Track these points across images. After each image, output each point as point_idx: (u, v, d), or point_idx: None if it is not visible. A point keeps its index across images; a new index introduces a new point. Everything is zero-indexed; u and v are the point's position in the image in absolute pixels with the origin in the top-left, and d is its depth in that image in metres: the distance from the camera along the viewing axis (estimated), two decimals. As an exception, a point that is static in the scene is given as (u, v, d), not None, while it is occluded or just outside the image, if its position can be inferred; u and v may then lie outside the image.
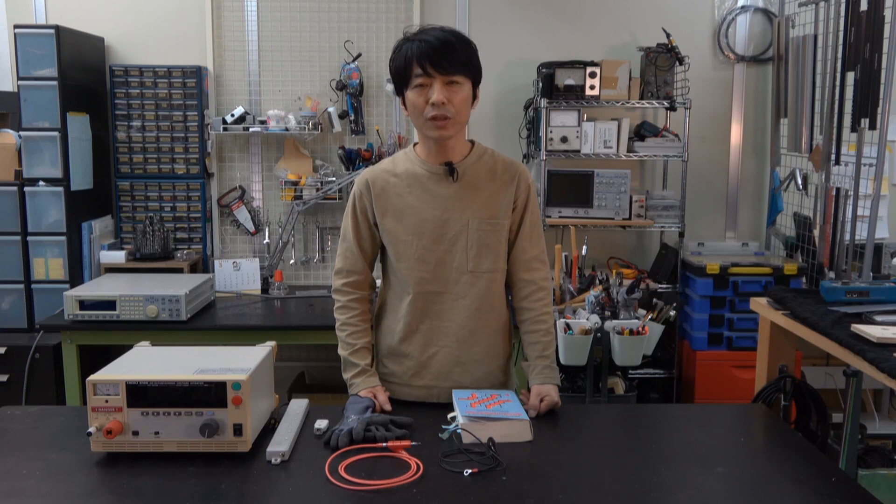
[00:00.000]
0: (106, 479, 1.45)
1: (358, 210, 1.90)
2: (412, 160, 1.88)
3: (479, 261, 1.85)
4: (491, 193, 1.86)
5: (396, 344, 1.91)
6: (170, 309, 2.98)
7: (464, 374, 1.89)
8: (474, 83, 1.81)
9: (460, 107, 1.77)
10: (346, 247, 1.92)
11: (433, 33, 1.75)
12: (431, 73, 1.73)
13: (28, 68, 3.32)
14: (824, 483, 1.45)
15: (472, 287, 1.86)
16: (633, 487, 1.44)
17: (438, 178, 1.85)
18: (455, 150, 1.86)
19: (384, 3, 3.75)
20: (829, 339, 1.96)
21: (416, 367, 1.89)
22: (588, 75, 3.44)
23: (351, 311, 1.93)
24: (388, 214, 1.86)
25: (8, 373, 3.21)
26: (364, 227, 1.90)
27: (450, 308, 1.86)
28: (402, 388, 1.91)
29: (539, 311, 1.92)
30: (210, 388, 1.51)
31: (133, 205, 3.75)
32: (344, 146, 3.70)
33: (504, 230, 1.88)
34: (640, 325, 2.82)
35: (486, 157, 1.89)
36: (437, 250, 1.85)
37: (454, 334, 1.87)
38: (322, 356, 3.93)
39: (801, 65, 3.42)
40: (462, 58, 1.75)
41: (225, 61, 3.78)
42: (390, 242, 1.88)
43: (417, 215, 1.84)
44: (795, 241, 3.55)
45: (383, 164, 1.92)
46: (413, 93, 1.77)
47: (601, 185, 3.51)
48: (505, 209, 1.87)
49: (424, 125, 1.79)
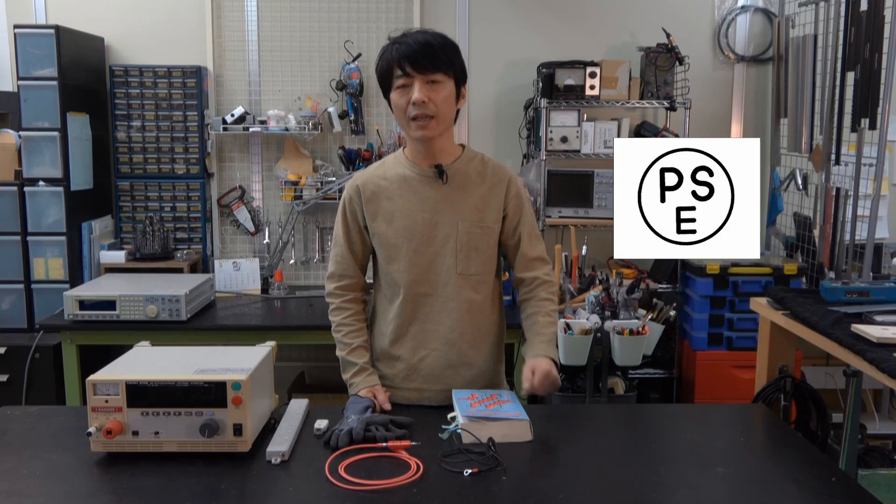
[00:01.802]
0: (106, 479, 1.45)
1: (348, 214, 1.91)
2: (402, 163, 1.89)
3: (468, 263, 1.85)
4: (480, 196, 1.86)
5: (387, 347, 1.91)
6: (170, 309, 2.98)
7: (454, 376, 1.89)
8: (457, 82, 1.81)
9: (442, 105, 1.77)
10: (338, 251, 1.93)
11: (413, 36, 1.76)
12: (411, 72, 1.74)
13: (28, 68, 3.32)
14: (824, 483, 1.45)
15: (461, 290, 1.86)
16: (633, 487, 1.44)
17: (428, 181, 1.86)
18: (444, 151, 1.86)
19: (384, 3, 3.75)
20: (829, 339, 1.96)
21: (407, 370, 1.90)
22: (588, 75, 3.44)
23: (345, 312, 1.93)
24: (379, 217, 1.87)
25: (8, 373, 3.21)
26: (355, 231, 1.91)
27: (439, 311, 1.87)
28: (394, 392, 1.91)
29: (539, 297, 1.92)
30: (210, 388, 1.51)
31: (133, 205, 3.75)
32: (344, 146, 3.70)
33: (493, 234, 1.88)
34: (640, 325, 2.82)
35: (476, 161, 1.90)
36: (426, 252, 1.85)
37: (443, 337, 1.87)
38: (322, 356, 3.93)
39: (801, 65, 3.42)
40: (442, 57, 1.75)
41: (225, 61, 3.78)
42: (381, 245, 1.88)
43: (408, 218, 1.85)
44: (795, 241, 3.55)
45: (373, 168, 1.93)
46: (395, 94, 1.78)
47: (601, 185, 3.50)
48: (494, 213, 1.88)
49: (408, 125, 1.80)
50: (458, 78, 1.81)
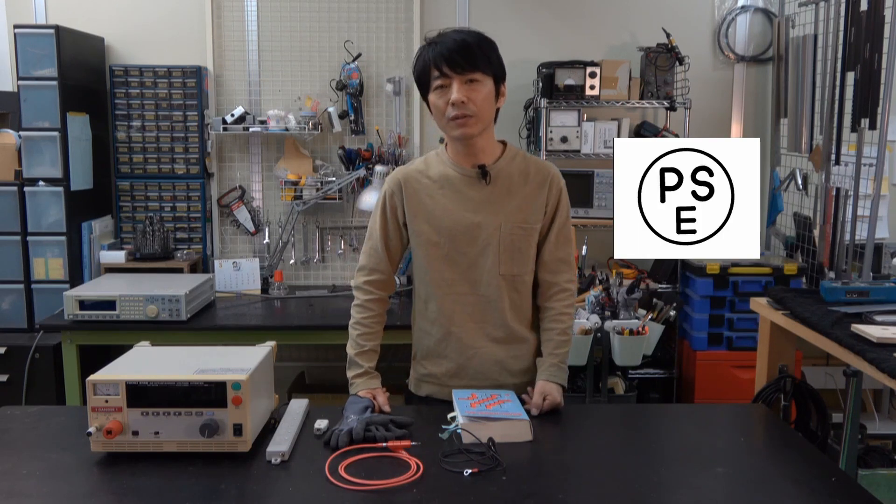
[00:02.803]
0: (106, 479, 1.45)
1: (388, 209, 1.89)
2: (444, 162, 1.88)
3: (511, 264, 1.85)
4: (524, 197, 1.85)
5: (433, 346, 1.91)
6: (170, 309, 2.98)
7: (502, 371, 1.90)
8: (496, 80, 1.80)
9: (482, 104, 1.76)
10: (372, 245, 1.92)
11: (450, 36, 1.75)
12: (448, 73, 1.73)
13: (28, 68, 3.32)
14: (824, 483, 1.45)
15: (504, 290, 1.86)
16: (633, 487, 1.44)
17: (471, 181, 1.84)
18: (485, 151, 1.85)
19: (384, 3, 3.75)
20: (829, 339, 1.96)
21: (456, 369, 1.90)
22: (588, 75, 3.44)
23: (367, 312, 1.92)
24: (420, 216, 1.86)
25: (8, 373, 3.21)
26: (392, 227, 1.90)
27: (482, 310, 1.87)
28: (443, 389, 1.91)
29: (558, 310, 1.92)
30: (210, 388, 1.51)
31: (133, 205, 3.75)
32: (344, 146, 3.70)
33: (535, 234, 1.88)
34: (640, 325, 2.82)
35: (519, 159, 1.88)
36: (469, 253, 1.84)
37: (490, 336, 1.88)
38: (322, 356, 3.93)
39: (801, 65, 3.42)
40: (479, 55, 1.74)
41: (225, 61, 3.78)
42: (420, 244, 1.87)
43: (449, 217, 1.84)
44: (795, 241, 3.55)
45: (415, 165, 1.91)
46: (434, 95, 1.77)
47: (601, 185, 3.51)
48: (537, 213, 1.87)
49: (447, 126, 1.78)
50: (497, 75, 1.80)
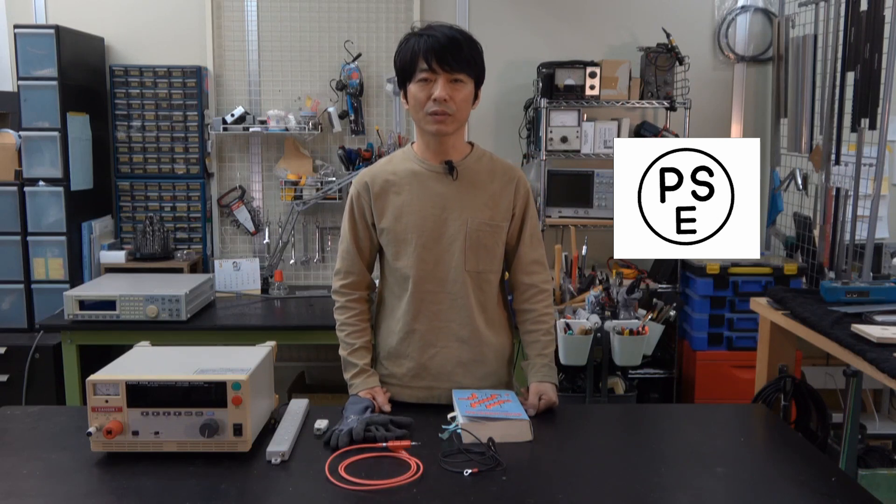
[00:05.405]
0: (106, 479, 1.45)
1: (356, 211, 1.90)
2: (411, 158, 1.88)
3: (477, 261, 1.85)
4: (490, 195, 1.86)
5: (395, 345, 1.90)
6: (170, 309, 2.98)
7: (465, 374, 1.89)
8: (477, 83, 1.82)
9: (461, 105, 1.78)
10: (345, 248, 1.93)
11: (441, 30, 1.75)
12: (436, 69, 1.73)
13: (28, 68, 3.31)
14: (824, 483, 1.45)
15: (470, 287, 1.86)
16: (633, 487, 1.44)
17: (438, 176, 1.85)
18: (455, 148, 1.86)
19: (384, 3, 3.75)
20: (829, 339, 1.96)
21: (416, 369, 1.89)
22: (588, 75, 3.44)
23: (350, 311, 1.93)
24: (387, 213, 1.86)
25: (8, 373, 3.21)
26: (361, 228, 1.90)
27: (448, 308, 1.86)
28: (403, 390, 1.91)
29: (539, 311, 1.93)
30: (210, 388, 1.51)
31: (133, 205, 3.75)
32: (344, 146, 3.70)
33: (502, 232, 1.88)
34: (640, 325, 2.82)
35: (486, 159, 1.90)
36: (435, 249, 1.84)
37: (453, 334, 1.87)
38: (322, 356, 3.93)
39: (801, 65, 3.42)
40: (467, 57, 1.76)
41: (225, 61, 3.78)
42: (389, 242, 1.88)
43: (417, 213, 1.84)
44: (795, 241, 3.55)
45: (380, 164, 1.92)
46: (416, 86, 1.77)
47: (601, 185, 3.51)
48: (504, 212, 1.87)
49: (423, 119, 1.79)
50: (478, 79, 1.82)
